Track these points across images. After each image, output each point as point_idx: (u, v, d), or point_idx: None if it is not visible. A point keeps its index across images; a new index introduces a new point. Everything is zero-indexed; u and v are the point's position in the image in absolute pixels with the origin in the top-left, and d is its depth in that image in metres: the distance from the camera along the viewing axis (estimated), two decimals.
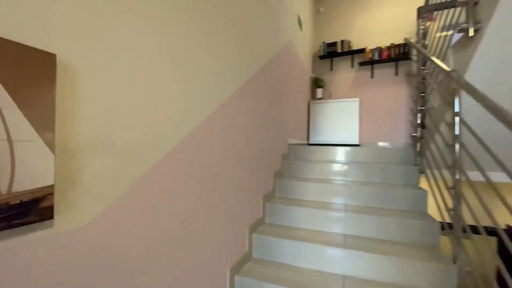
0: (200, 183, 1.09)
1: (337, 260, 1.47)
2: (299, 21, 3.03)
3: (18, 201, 0.46)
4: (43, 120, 0.50)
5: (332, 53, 3.94)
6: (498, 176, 0.93)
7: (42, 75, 0.50)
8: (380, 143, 3.65)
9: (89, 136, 0.62)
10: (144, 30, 0.77)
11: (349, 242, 1.56)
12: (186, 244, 0.99)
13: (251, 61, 1.65)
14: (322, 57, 4.04)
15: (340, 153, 2.56)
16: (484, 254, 1.15)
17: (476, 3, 1.18)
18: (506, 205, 0.88)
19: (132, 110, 0.74)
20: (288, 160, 2.45)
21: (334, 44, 3.92)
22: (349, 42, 3.87)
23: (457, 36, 1.36)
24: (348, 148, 2.54)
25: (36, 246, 0.51)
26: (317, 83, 3.98)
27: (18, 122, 0.46)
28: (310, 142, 3.82)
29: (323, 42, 4.02)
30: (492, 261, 1.30)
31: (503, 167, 0.89)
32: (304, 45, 3.45)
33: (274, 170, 2.13)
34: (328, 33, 4.12)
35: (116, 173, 0.69)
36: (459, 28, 1.27)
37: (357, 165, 2.22)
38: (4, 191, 0.44)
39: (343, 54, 3.88)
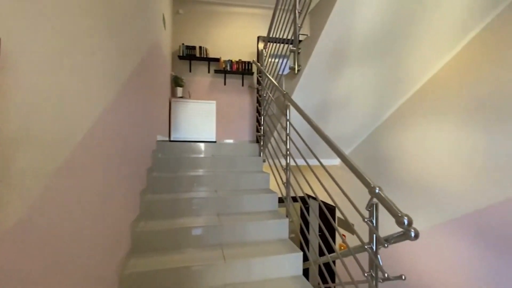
0: (95, 181, 1.03)
1: (215, 235, 1.80)
2: (164, 20, 3.06)
3: None
4: None
5: (191, 55, 4.22)
6: (313, 161, 1.61)
7: None
8: (232, 140, 4.39)
9: (15, 128, 0.54)
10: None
11: (222, 219, 1.93)
12: (79, 249, 0.92)
13: (131, 58, 1.61)
14: (181, 57, 4.22)
15: (203, 149, 2.90)
16: (299, 211, 1.90)
17: (299, 53, 1.92)
18: (319, 180, 1.56)
19: (49, 101, 0.66)
20: (157, 156, 2.48)
21: (193, 48, 4.22)
22: (206, 49, 4.31)
23: (287, 70, 2.10)
24: (208, 144, 2.93)
25: None
26: (177, 81, 4.11)
27: None
28: (172, 139, 3.91)
29: (183, 44, 4.21)
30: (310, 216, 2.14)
31: (314, 155, 1.57)
32: (166, 43, 3.49)
33: (146, 166, 2.12)
34: (187, 35, 4.35)
35: (38, 168, 0.61)
36: (290, 67, 1.99)
37: (218, 158, 2.66)
38: None
39: (201, 59, 4.27)
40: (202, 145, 2.88)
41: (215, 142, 4.10)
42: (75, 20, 0.85)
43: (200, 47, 4.25)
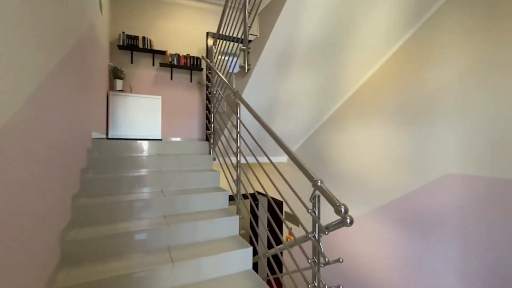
0: (11, 187, 0.86)
1: (161, 238, 1.70)
2: (100, 4, 2.74)
3: None
4: None
5: (133, 46, 3.88)
6: (263, 159, 1.66)
7: None
8: (179, 138, 4.20)
9: None
10: None
11: (169, 220, 1.84)
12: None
13: (61, 43, 1.39)
14: (121, 47, 3.85)
15: (148, 147, 2.70)
16: (249, 208, 1.94)
17: (249, 53, 1.96)
18: (268, 177, 1.61)
19: None
20: (93, 156, 2.22)
21: (135, 37, 3.89)
22: (150, 40, 4.02)
23: (238, 68, 2.12)
24: (153, 142, 2.74)
25: None
26: (116, 73, 3.73)
27: None
28: (110, 136, 3.53)
29: (123, 32, 3.85)
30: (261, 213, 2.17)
31: (264, 152, 1.63)
32: (103, 30, 3.13)
33: (80, 167, 1.88)
34: (128, 23, 3.98)
35: None
36: (240, 65, 2.01)
37: (165, 157, 2.52)
38: None
39: (145, 50, 3.97)
40: (146, 143, 2.67)
41: (160, 140, 3.88)
42: None
43: (144, 38, 3.94)
